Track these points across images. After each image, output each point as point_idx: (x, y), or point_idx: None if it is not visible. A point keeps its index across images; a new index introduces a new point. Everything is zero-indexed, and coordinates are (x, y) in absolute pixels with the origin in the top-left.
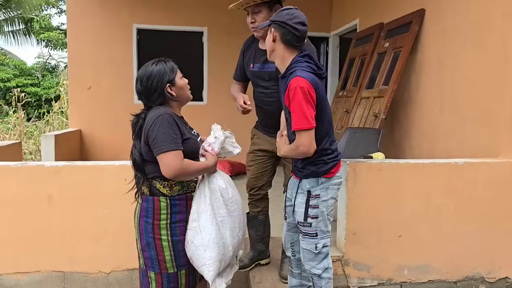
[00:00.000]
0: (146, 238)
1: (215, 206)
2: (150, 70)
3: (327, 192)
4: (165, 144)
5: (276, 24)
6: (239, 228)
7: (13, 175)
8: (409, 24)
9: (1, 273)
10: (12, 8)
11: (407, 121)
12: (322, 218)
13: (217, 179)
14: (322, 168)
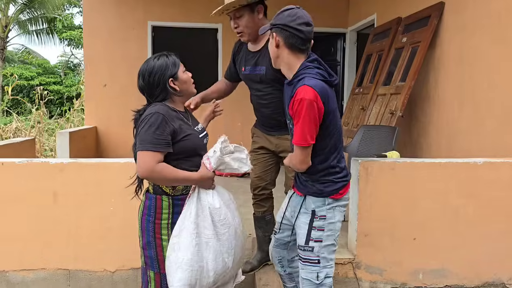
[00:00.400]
0: (147, 236)
1: (200, 225)
2: (152, 65)
3: (334, 214)
4: (143, 143)
5: (277, 27)
6: (228, 253)
7: (18, 171)
8: (428, 18)
9: (8, 270)
10: (35, 8)
11: (425, 119)
12: (327, 243)
13: (211, 197)
14: (329, 187)
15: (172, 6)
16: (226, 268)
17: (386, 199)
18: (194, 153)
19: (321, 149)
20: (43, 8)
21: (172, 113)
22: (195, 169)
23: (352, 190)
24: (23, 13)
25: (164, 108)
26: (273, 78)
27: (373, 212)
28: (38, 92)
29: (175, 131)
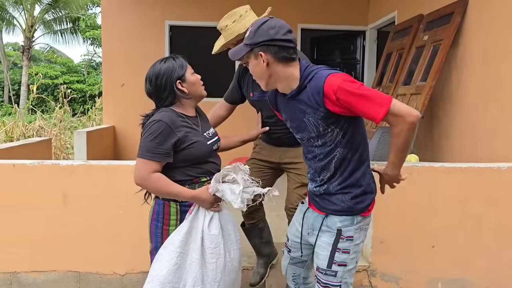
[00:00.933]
0: (155, 242)
1: (190, 246)
2: (158, 68)
3: (360, 234)
4: (141, 150)
5: (262, 45)
6: (210, 285)
7: (30, 173)
8: (451, 15)
9: (19, 271)
10: (60, 8)
11: (447, 120)
12: (351, 267)
13: (210, 220)
14: (360, 203)
15: (189, 5)
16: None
17: (403, 204)
18: (201, 160)
19: (354, 140)
20: (67, 8)
21: (178, 120)
22: (204, 176)
23: None
24: (48, 13)
25: (169, 115)
26: None
27: (389, 218)
28: (62, 91)
29: (179, 139)
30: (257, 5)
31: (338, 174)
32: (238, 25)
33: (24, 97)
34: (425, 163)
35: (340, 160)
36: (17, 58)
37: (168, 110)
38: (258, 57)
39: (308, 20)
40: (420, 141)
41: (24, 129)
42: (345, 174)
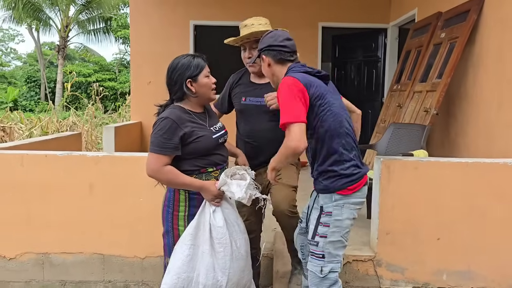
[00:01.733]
0: (166, 226)
1: (200, 238)
2: (176, 62)
3: (342, 211)
4: (152, 145)
5: (264, 50)
6: (222, 272)
7: (60, 163)
8: (467, 12)
9: (50, 252)
10: (93, 8)
11: (463, 118)
12: (332, 239)
13: (216, 213)
14: (335, 183)
15: (213, 5)
16: (218, 286)
17: (409, 198)
18: (208, 152)
19: (321, 132)
20: (100, 8)
21: (185, 116)
22: (210, 167)
23: (374, 188)
24: (82, 13)
25: (176, 112)
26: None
27: (395, 211)
28: (95, 89)
29: (185, 134)
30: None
31: (315, 162)
32: (259, 28)
33: (59, 94)
34: (431, 158)
35: (313, 150)
36: (53, 57)
37: (176, 107)
38: (262, 60)
39: (329, 19)
40: (437, 138)
41: (58, 125)
42: (319, 162)
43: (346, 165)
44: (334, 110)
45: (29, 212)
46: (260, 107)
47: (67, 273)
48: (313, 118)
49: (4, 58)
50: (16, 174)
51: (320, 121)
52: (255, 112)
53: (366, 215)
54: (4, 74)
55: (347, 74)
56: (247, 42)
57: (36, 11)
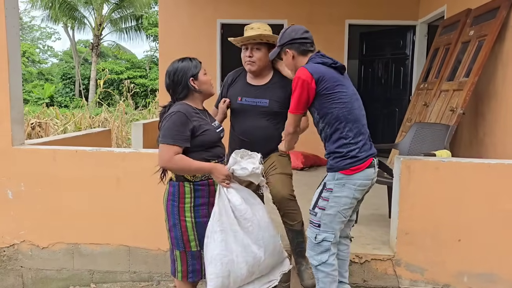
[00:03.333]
0: (173, 219)
1: (225, 222)
2: (176, 66)
3: (342, 189)
4: (165, 137)
5: (287, 45)
6: (257, 245)
7: (89, 158)
8: (497, 9)
9: (80, 243)
10: (125, 7)
11: (491, 117)
12: (329, 212)
13: (232, 195)
14: (339, 163)
15: (239, 3)
16: (258, 259)
17: (430, 198)
18: (213, 145)
19: (330, 119)
20: (132, 6)
21: (192, 111)
22: (214, 159)
23: (394, 188)
24: (115, 12)
25: (186, 107)
26: (274, 111)
27: (415, 211)
28: (126, 85)
29: (194, 127)
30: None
31: (325, 144)
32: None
33: (93, 91)
34: (453, 159)
35: (324, 133)
36: (87, 54)
37: (182, 103)
38: (286, 53)
39: (356, 16)
40: (465, 138)
41: (90, 120)
42: (328, 143)
43: (351, 148)
44: (344, 99)
45: (60, 205)
46: (255, 107)
47: (95, 263)
48: (322, 105)
49: (41, 56)
50: (49, 168)
51: (328, 108)
52: (250, 111)
53: (388, 214)
54: (41, 71)
55: (374, 71)
56: (251, 43)
57: (72, 10)
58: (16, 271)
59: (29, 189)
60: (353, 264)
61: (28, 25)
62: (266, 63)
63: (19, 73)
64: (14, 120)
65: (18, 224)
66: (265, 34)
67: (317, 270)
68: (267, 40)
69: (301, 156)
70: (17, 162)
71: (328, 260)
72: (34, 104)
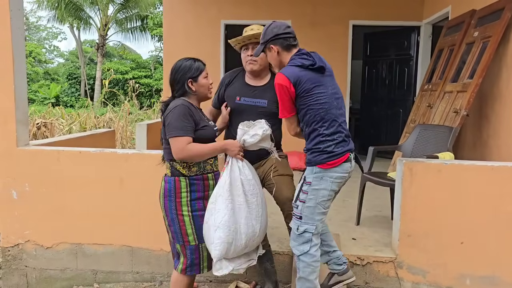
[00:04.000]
0: (171, 214)
1: (234, 193)
2: (179, 64)
3: (320, 182)
4: (175, 130)
5: (271, 41)
6: (256, 220)
7: (92, 159)
8: (501, 10)
9: (83, 243)
10: (130, 7)
11: (496, 119)
12: (309, 205)
13: (244, 168)
14: (316, 157)
15: (243, 4)
16: (254, 234)
17: (432, 200)
18: (209, 142)
19: (308, 119)
20: (137, 7)
21: (192, 106)
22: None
23: (396, 190)
24: (120, 12)
25: (186, 102)
26: (273, 112)
27: (417, 213)
28: (131, 85)
29: (195, 120)
30: (308, 4)
31: (306, 140)
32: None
33: (98, 91)
34: (455, 161)
35: (303, 131)
36: (93, 54)
37: (182, 99)
38: (271, 49)
39: (360, 17)
40: (469, 140)
41: (95, 120)
42: (307, 140)
43: (327, 144)
44: (321, 99)
45: (64, 205)
46: (254, 107)
47: (98, 263)
48: (300, 107)
49: (48, 56)
50: (53, 168)
51: (306, 110)
52: (248, 111)
53: (390, 216)
54: (47, 71)
55: (378, 72)
56: (252, 42)
57: (77, 10)
58: (20, 271)
59: (33, 189)
60: (355, 266)
61: (34, 25)
62: (267, 63)
63: (24, 74)
64: (19, 121)
65: (22, 224)
66: (245, 37)
67: (298, 260)
68: None
69: (304, 157)
70: (22, 162)
71: (309, 251)
72: (40, 104)
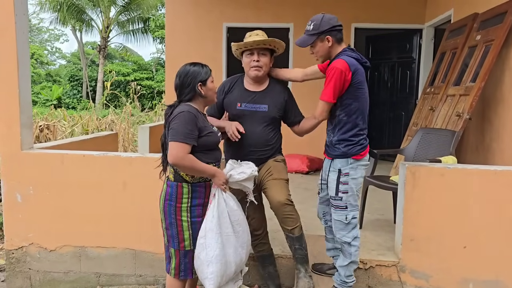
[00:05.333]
0: (170, 218)
1: (222, 226)
2: (188, 69)
3: (356, 171)
4: (176, 135)
5: (328, 31)
6: (242, 247)
7: (96, 163)
8: (504, 14)
9: (87, 246)
10: (132, 9)
11: (499, 122)
12: (352, 193)
13: (228, 200)
14: (351, 149)
15: (245, 7)
16: (242, 260)
17: (435, 205)
18: (214, 147)
19: (351, 109)
20: (139, 9)
21: (198, 113)
22: (212, 162)
23: (399, 194)
24: (122, 14)
25: (193, 108)
26: (274, 116)
27: (420, 217)
28: (133, 87)
29: (200, 128)
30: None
31: (338, 131)
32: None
33: (100, 93)
34: (458, 165)
35: (341, 122)
36: (95, 56)
37: (188, 105)
38: (324, 40)
39: (362, 20)
40: (471, 143)
41: (97, 122)
42: (342, 131)
43: (362, 137)
44: (366, 94)
45: (68, 208)
46: (255, 113)
47: (101, 266)
48: (348, 95)
49: (49, 57)
50: (57, 172)
51: (354, 100)
52: (249, 117)
53: (393, 220)
54: (49, 73)
55: (380, 75)
56: (257, 48)
57: (80, 12)
58: (24, 273)
59: (37, 192)
60: (357, 270)
61: (36, 27)
62: (269, 68)
63: (28, 78)
64: (23, 124)
65: (26, 227)
66: (274, 39)
67: (350, 246)
68: (273, 46)
69: (306, 160)
70: (26, 166)
71: (358, 234)
72: (42, 106)
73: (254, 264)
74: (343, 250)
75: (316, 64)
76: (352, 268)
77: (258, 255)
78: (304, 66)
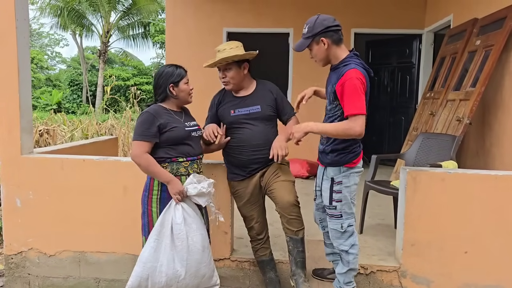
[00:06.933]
0: (143, 207)
1: (163, 233)
2: (162, 70)
3: (349, 179)
4: (134, 134)
5: (322, 33)
6: (180, 264)
7: (96, 167)
8: (503, 19)
9: (86, 251)
10: (133, 14)
11: (499, 127)
12: (346, 201)
13: (176, 212)
14: (343, 158)
15: (246, 12)
16: (177, 276)
17: (436, 210)
18: (179, 142)
19: None
20: (139, 14)
21: (162, 111)
22: (181, 157)
23: (400, 199)
24: (122, 19)
25: (155, 107)
26: (269, 114)
27: (421, 222)
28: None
29: (161, 124)
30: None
31: (334, 141)
32: (230, 52)
33: (100, 97)
34: (459, 170)
35: None
36: (95, 61)
37: (156, 105)
38: (320, 42)
39: (362, 25)
40: (472, 148)
41: (97, 127)
42: (338, 141)
43: (356, 146)
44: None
45: (67, 213)
46: (249, 115)
47: (101, 271)
48: None
49: (50, 62)
50: (57, 176)
51: None
52: (245, 120)
53: (394, 225)
54: (49, 77)
55: (380, 80)
56: (221, 65)
57: (80, 17)
58: (23, 278)
59: (37, 197)
60: (358, 275)
61: (37, 32)
62: (242, 77)
63: (29, 83)
64: (23, 129)
65: (26, 232)
66: (228, 56)
67: (348, 254)
68: (232, 60)
69: (306, 165)
70: (26, 170)
71: (355, 242)
72: (42, 110)
73: (255, 270)
74: (341, 258)
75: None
76: (351, 275)
77: (259, 260)
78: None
